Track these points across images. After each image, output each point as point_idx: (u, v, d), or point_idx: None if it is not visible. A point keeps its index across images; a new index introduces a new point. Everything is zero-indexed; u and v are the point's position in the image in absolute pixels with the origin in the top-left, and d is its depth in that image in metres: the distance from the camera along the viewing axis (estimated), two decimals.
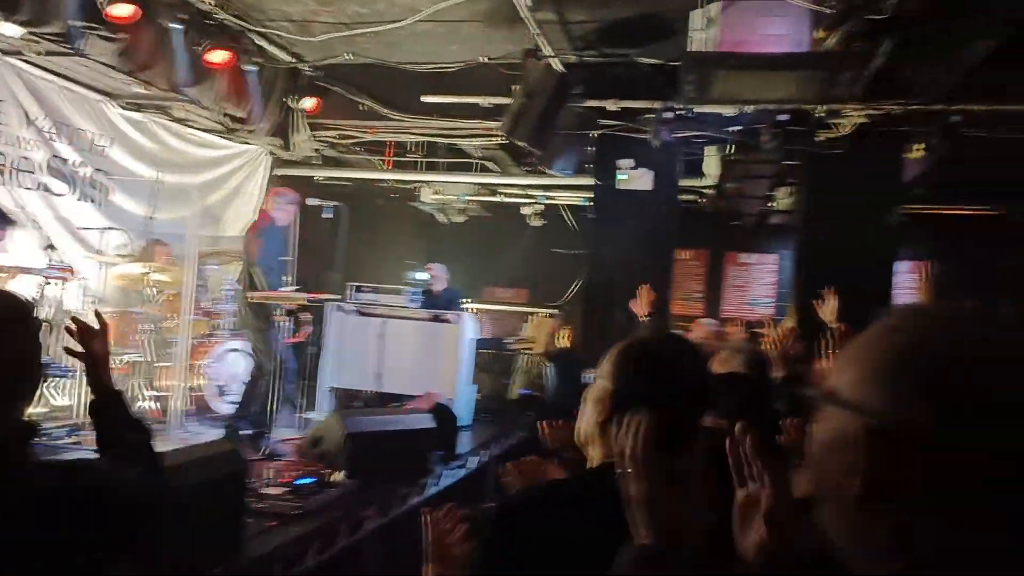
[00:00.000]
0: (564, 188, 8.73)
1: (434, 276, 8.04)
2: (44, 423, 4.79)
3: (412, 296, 6.98)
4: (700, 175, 7.52)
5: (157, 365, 6.02)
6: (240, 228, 7.38)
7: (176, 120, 7.18)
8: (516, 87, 6.00)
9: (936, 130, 5.77)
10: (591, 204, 7.61)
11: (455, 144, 7.98)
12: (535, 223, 9.63)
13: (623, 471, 1.05)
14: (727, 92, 4.99)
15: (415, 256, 9.68)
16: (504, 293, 10.78)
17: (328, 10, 5.54)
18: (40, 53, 5.43)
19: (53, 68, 6.02)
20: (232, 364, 6.32)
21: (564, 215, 9.94)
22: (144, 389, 5.85)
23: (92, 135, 6.60)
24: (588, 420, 1.42)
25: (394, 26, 5.42)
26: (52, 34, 4.79)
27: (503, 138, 6.53)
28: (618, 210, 6.78)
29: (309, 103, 7.03)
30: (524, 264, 10.41)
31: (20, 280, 5.29)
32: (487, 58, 6.14)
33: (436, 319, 6.96)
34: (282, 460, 4.74)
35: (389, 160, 8.85)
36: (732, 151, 6.98)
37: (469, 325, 7.02)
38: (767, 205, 8.28)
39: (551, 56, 5.74)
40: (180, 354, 5.58)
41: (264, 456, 4.80)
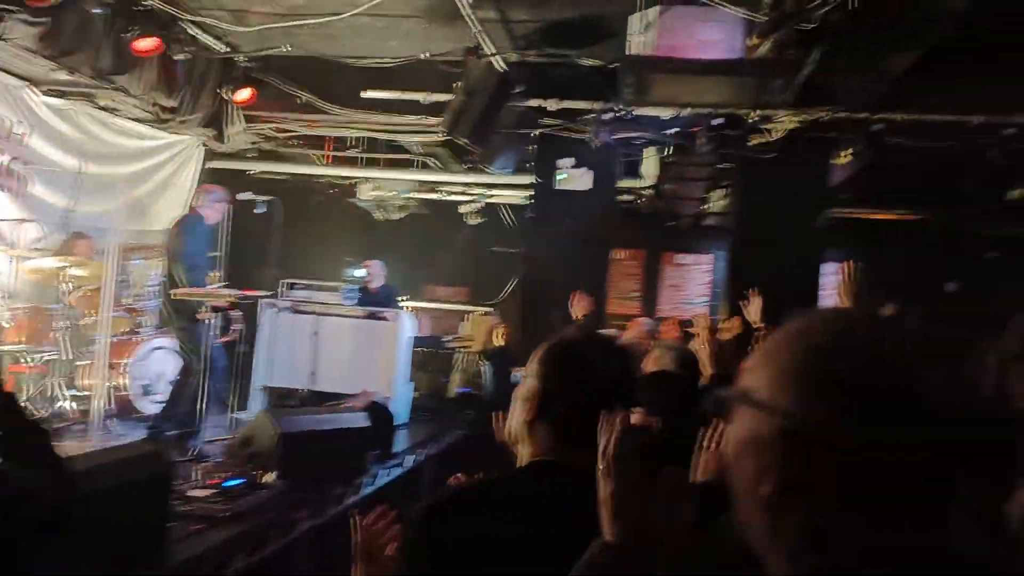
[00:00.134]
0: (504, 186, 8.74)
1: (371, 273, 7.95)
2: None
3: (348, 293, 6.87)
4: (639, 176, 7.63)
5: (77, 364, 5.79)
6: (169, 221, 7.13)
7: (102, 108, 6.89)
8: (457, 84, 5.97)
9: (861, 137, 6.01)
10: (530, 203, 7.65)
11: (395, 140, 7.91)
12: (474, 221, 9.61)
13: (599, 468, 1.07)
14: (664, 95, 5.08)
15: (353, 253, 9.53)
16: (442, 291, 10.72)
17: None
18: None
19: None
20: (158, 363, 6.10)
21: (503, 213, 9.95)
22: (63, 388, 5.61)
23: (11, 122, 6.26)
24: (517, 419, 1.42)
25: (333, 19, 5.33)
26: None
27: (443, 135, 6.49)
28: (557, 209, 6.85)
29: (244, 94, 6.86)
30: (462, 262, 10.38)
31: None
32: (428, 54, 6.09)
33: (373, 317, 6.88)
34: (211, 461, 4.61)
35: (328, 155, 8.71)
36: (669, 153, 7.12)
37: (406, 323, 6.96)
38: (702, 206, 8.46)
39: (492, 55, 5.74)
40: (101, 352, 5.36)
41: (192, 457, 4.67)
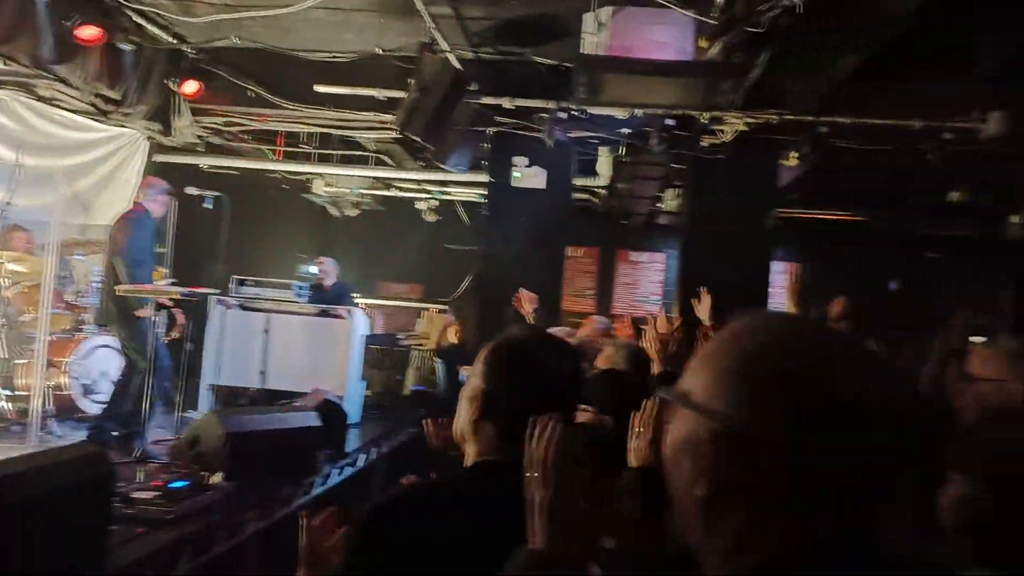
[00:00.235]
0: (459, 184, 8.71)
1: (324, 270, 7.86)
2: None
3: (300, 290, 6.77)
4: (593, 175, 7.69)
5: (15, 362, 5.60)
6: (113, 216, 6.93)
7: (42, 99, 6.64)
8: (411, 81, 5.92)
9: (808, 140, 6.15)
10: (485, 201, 7.64)
11: (349, 136, 7.81)
12: (429, 218, 9.58)
13: (529, 475, 1.06)
14: (617, 95, 5.12)
15: (306, 250, 9.42)
16: (397, 288, 10.66)
17: None
18: None
19: None
20: (100, 361, 5.92)
21: (458, 211, 9.93)
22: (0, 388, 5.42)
23: None
24: (463, 418, 1.42)
25: (284, 11, 5.22)
26: None
27: (398, 132, 6.43)
28: (512, 207, 6.85)
29: (191, 87, 6.68)
30: (417, 259, 10.34)
31: None
32: (381, 49, 6.03)
33: (325, 314, 6.80)
34: (155, 462, 4.49)
35: (280, 150, 8.55)
36: (624, 153, 7.18)
37: (360, 320, 6.89)
38: (655, 205, 8.57)
39: (447, 51, 5.70)
40: (40, 350, 5.18)
41: (136, 458, 4.56)
